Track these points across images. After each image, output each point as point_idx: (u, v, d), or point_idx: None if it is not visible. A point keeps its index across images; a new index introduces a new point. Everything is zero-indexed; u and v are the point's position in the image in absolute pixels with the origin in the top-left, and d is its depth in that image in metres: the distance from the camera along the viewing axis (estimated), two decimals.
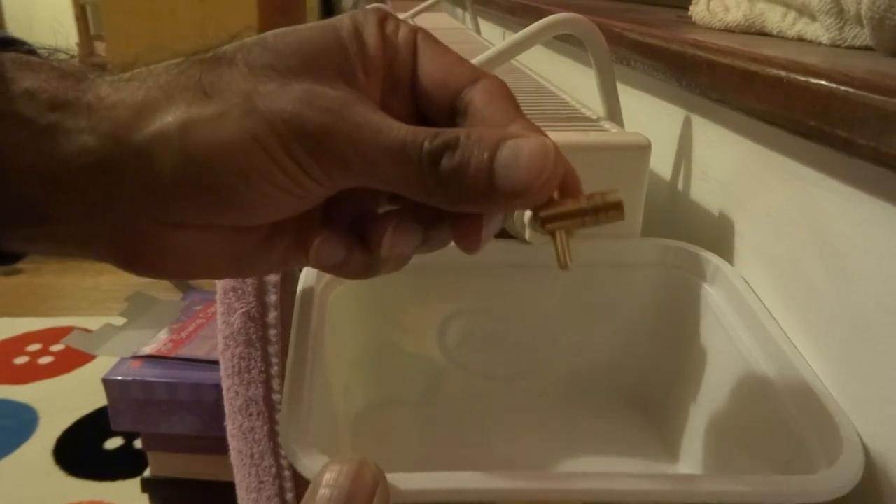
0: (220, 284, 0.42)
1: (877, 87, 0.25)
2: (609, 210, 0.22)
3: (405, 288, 0.40)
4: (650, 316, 0.41)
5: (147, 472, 0.90)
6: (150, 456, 0.90)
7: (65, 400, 1.33)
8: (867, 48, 0.34)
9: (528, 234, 0.38)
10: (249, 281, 0.40)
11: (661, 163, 0.49)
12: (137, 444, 0.92)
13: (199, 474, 0.88)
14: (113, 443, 1.21)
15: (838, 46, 0.36)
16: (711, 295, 0.38)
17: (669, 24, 0.51)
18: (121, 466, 1.16)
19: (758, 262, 0.37)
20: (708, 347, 0.38)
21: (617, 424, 0.42)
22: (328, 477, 0.20)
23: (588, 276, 0.40)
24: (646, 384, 0.43)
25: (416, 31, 0.24)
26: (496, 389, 0.43)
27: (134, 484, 1.05)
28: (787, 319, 0.34)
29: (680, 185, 0.47)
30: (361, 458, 0.21)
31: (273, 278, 0.41)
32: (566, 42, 0.69)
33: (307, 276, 0.36)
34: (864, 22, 0.31)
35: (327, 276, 0.38)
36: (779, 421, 0.30)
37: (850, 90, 0.26)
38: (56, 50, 0.23)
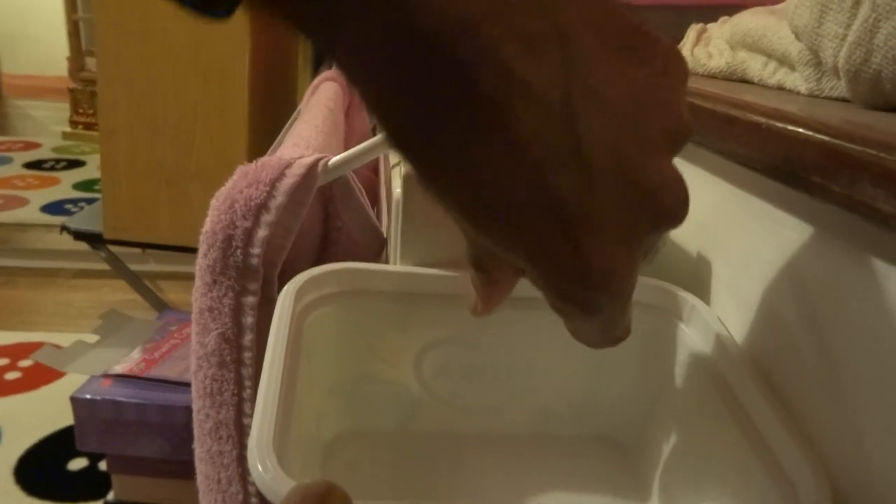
0: (196, 304, 0.42)
1: (851, 136, 0.25)
2: None
3: (383, 316, 0.40)
4: (626, 353, 0.41)
5: (110, 496, 0.88)
6: (115, 479, 0.87)
7: (30, 417, 1.29)
8: (843, 99, 0.35)
9: None
10: (226, 302, 0.40)
11: None
12: (102, 465, 0.90)
13: (163, 499, 0.86)
14: (77, 464, 1.18)
15: (816, 96, 0.36)
16: (688, 334, 0.38)
17: None
18: (83, 489, 1.13)
19: (734, 302, 0.38)
20: (683, 386, 0.38)
21: (590, 461, 0.42)
22: (294, 502, 0.20)
23: None
24: (620, 421, 0.43)
25: None
26: (470, 421, 0.43)
27: None
28: (761, 360, 0.34)
29: None
30: (329, 483, 0.20)
31: (250, 300, 0.40)
32: None
33: (284, 300, 0.36)
34: (841, 74, 0.32)
35: (305, 301, 0.37)
36: (751, 461, 0.30)
37: (826, 138, 0.26)
38: None
